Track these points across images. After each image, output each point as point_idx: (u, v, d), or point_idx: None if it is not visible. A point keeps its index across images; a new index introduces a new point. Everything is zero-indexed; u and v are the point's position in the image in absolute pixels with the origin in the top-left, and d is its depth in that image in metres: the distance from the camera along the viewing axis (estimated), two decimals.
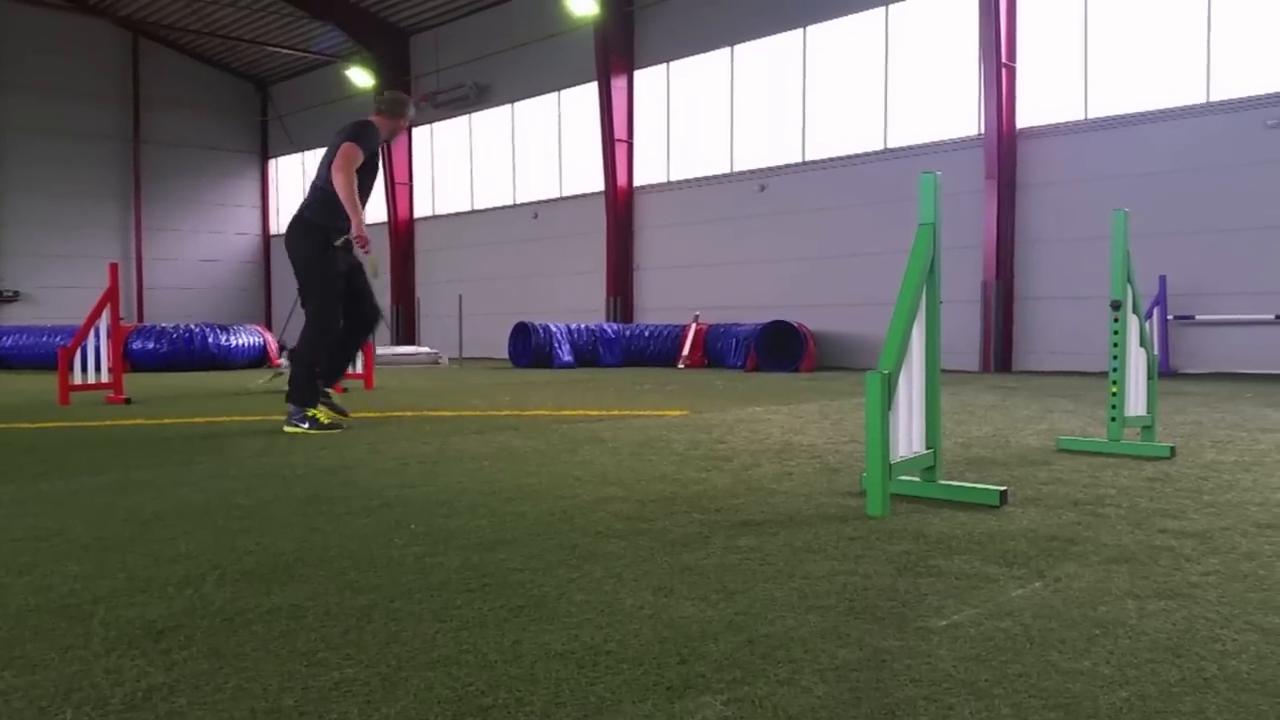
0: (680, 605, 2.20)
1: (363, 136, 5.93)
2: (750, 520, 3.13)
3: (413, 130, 23.04)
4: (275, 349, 14.89)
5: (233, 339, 14.72)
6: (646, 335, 15.67)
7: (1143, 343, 4.87)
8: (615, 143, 18.24)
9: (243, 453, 4.88)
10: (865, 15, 15.15)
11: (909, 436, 3.41)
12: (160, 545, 2.81)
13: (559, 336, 15.00)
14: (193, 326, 14.81)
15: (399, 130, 6.28)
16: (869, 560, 2.60)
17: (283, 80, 27.10)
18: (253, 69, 27.12)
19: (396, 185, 23.02)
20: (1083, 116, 13.25)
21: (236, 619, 2.11)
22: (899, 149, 14.88)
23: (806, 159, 16.11)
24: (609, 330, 15.74)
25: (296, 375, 5.96)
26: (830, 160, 15.72)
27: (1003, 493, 3.37)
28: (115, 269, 8.34)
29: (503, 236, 21.27)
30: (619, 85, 18.24)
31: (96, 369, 8.29)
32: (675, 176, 18.06)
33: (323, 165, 5.99)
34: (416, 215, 23.62)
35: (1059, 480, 3.88)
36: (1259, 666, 1.80)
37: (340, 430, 5.75)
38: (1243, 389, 9.18)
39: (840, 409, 7.15)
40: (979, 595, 2.27)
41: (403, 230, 23.38)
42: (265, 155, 28.21)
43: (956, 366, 13.37)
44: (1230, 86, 12.01)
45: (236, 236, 28.11)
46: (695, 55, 17.48)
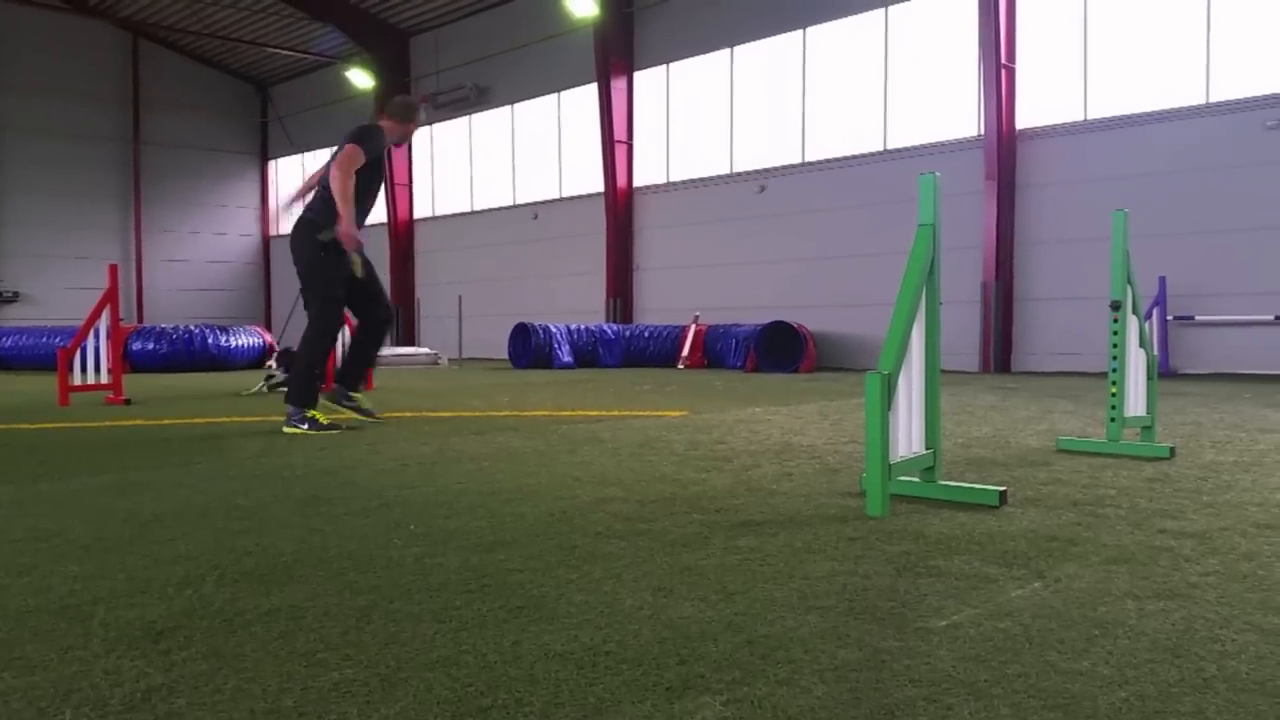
0: (680, 606, 2.20)
1: (366, 139, 5.93)
2: (750, 521, 3.13)
3: None
4: (272, 347, 14.88)
5: (232, 340, 14.72)
6: (646, 336, 15.67)
7: (1142, 343, 4.88)
8: (615, 144, 18.24)
9: (242, 454, 4.88)
10: (865, 16, 15.16)
11: (909, 437, 3.41)
12: (160, 546, 2.81)
13: (559, 337, 15.00)
14: (192, 327, 14.82)
15: (407, 135, 6.28)
16: (869, 561, 2.60)
17: (283, 81, 27.11)
18: (253, 70, 27.13)
19: (396, 186, 23.03)
20: (1082, 117, 13.26)
21: (236, 620, 2.11)
22: (899, 150, 14.88)
23: (806, 160, 16.11)
24: (609, 331, 15.74)
25: (296, 376, 5.97)
26: (830, 161, 15.73)
27: (1002, 493, 3.37)
28: (115, 270, 8.35)
29: (502, 237, 21.27)
30: (619, 86, 18.24)
31: (96, 370, 8.29)
32: (675, 177, 18.07)
33: (327, 167, 6.00)
34: (416, 216, 23.62)
35: (1059, 481, 3.88)
36: (1258, 667, 1.80)
37: (339, 431, 5.76)
38: (1242, 389, 9.18)
39: (840, 409, 7.15)
40: (978, 595, 2.27)
41: (402, 231, 23.38)
42: (265, 156, 28.22)
43: (956, 367, 13.38)
44: (1230, 87, 12.01)
45: (236, 238, 28.12)
46: (695, 56, 17.49)
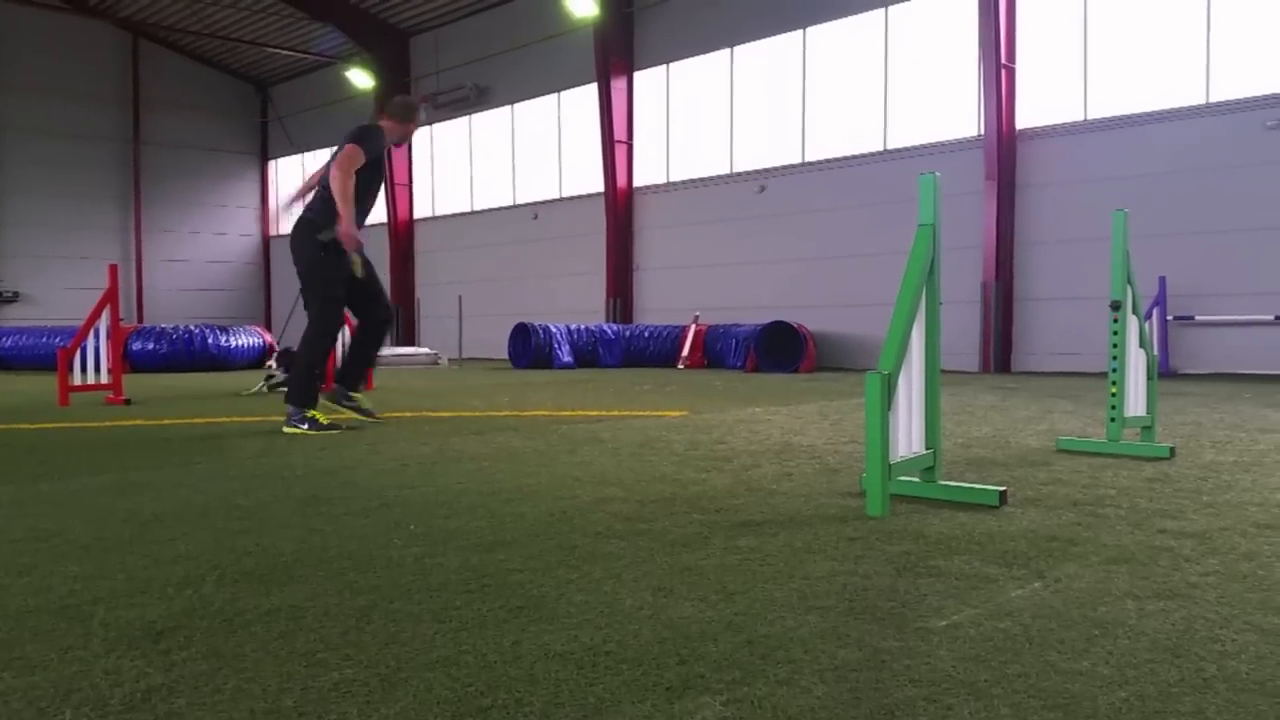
0: (680, 606, 2.20)
1: (366, 139, 5.94)
2: (750, 521, 3.13)
3: None
4: (272, 347, 14.89)
5: (232, 340, 14.72)
6: (646, 336, 15.67)
7: (1142, 343, 4.88)
8: (615, 144, 18.24)
9: (242, 454, 4.87)
10: (865, 16, 15.16)
11: (909, 437, 3.41)
12: (160, 546, 2.80)
13: (559, 337, 15.00)
14: (192, 327, 14.82)
15: (408, 135, 6.29)
16: (868, 561, 2.60)
17: (282, 81, 27.11)
18: (253, 70, 27.13)
19: (396, 186, 23.03)
20: (1082, 117, 13.26)
21: (236, 620, 2.11)
22: (898, 150, 14.88)
23: (806, 160, 16.11)
24: (609, 331, 15.74)
25: (296, 376, 5.97)
26: (830, 161, 15.73)
27: (1002, 493, 3.37)
28: (115, 270, 8.35)
29: (502, 237, 21.27)
30: (619, 86, 18.24)
31: (96, 370, 8.29)
32: (675, 177, 18.07)
33: (327, 167, 6.00)
34: (416, 216, 23.62)
35: (1058, 481, 3.88)
36: (1258, 666, 1.80)
37: (339, 431, 5.76)
38: (1242, 389, 9.18)
39: (840, 409, 7.15)
40: (978, 595, 2.27)
41: (402, 231, 23.38)
42: (265, 156, 28.22)
43: (956, 367, 13.38)
44: (1230, 87, 12.01)
45: (236, 238, 28.12)
46: (695, 56, 17.49)
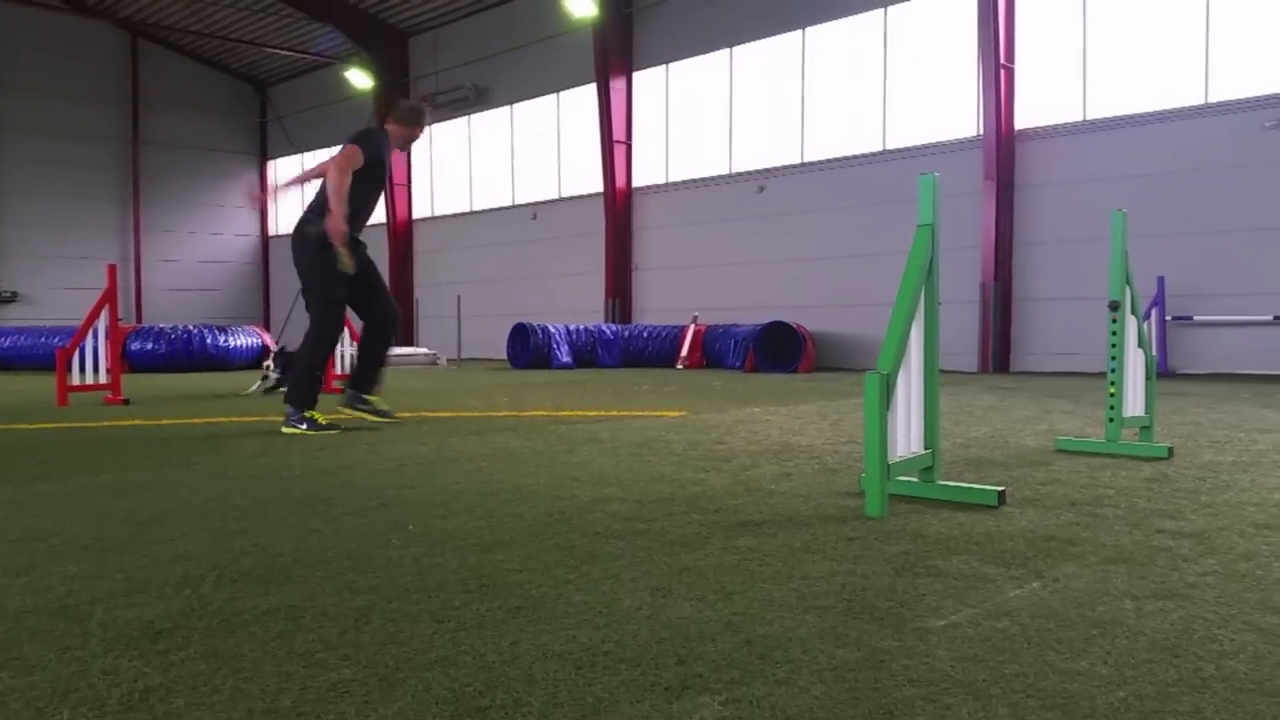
0: (678, 606, 2.19)
1: (366, 140, 5.94)
2: (748, 521, 3.13)
3: None
4: (271, 347, 14.85)
5: (231, 340, 14.72)
6: (645, 336, 15.67)
7: (1141, 343, 4.88)
8: (614, 144, 18.24)
9: (241, 454, 4.87)
10: (864, 17, 15.17)
11: (907, 437, 3.41)
12: (158, 546, 2.80)
13: (557, 337, 15.00)
14: (191, 327, 14.82)
15: (413, 139, 6.28)
16: (867, 560, 2.60)
17: (282, 81, 27.10)
18: (252, 70, 27.13)
19: (395, 186, 23.03)
20: (1081, 118, 13.26)
21: (234, 620, 2.10)
22: (898, 150, 14.89)
23: (805, 160, 16.11)
24: (607, 331, 15.74)
25: (296, 377, 5.97)
26: (829, 161, 15.73)
27: (1001, 493, 3.37)
28: (114, 270, 8.34)
29: (501, 237, 21.27)
30: (618, 86, 18.25)
31: (95, 370, 8.29)
32: (674, 177, 18.07)
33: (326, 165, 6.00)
34: (415, 216, 23.62)
35: (1057, 481, 3.88)
36: (1256, 666, 1.80)
37: (337, 431, 5.75)
38: (1240, 389, 9.19)
39: (839, 409, 7.15)
40: (977, 595, 2.27)
41: (401, 231, 23.38)
42: (264, 157, 28.21)
43: (955, 367, 13.38)
44: (1228, 88, 12.02)
45: (235, 238, 28.11)
46: (694, 57, 17.49)
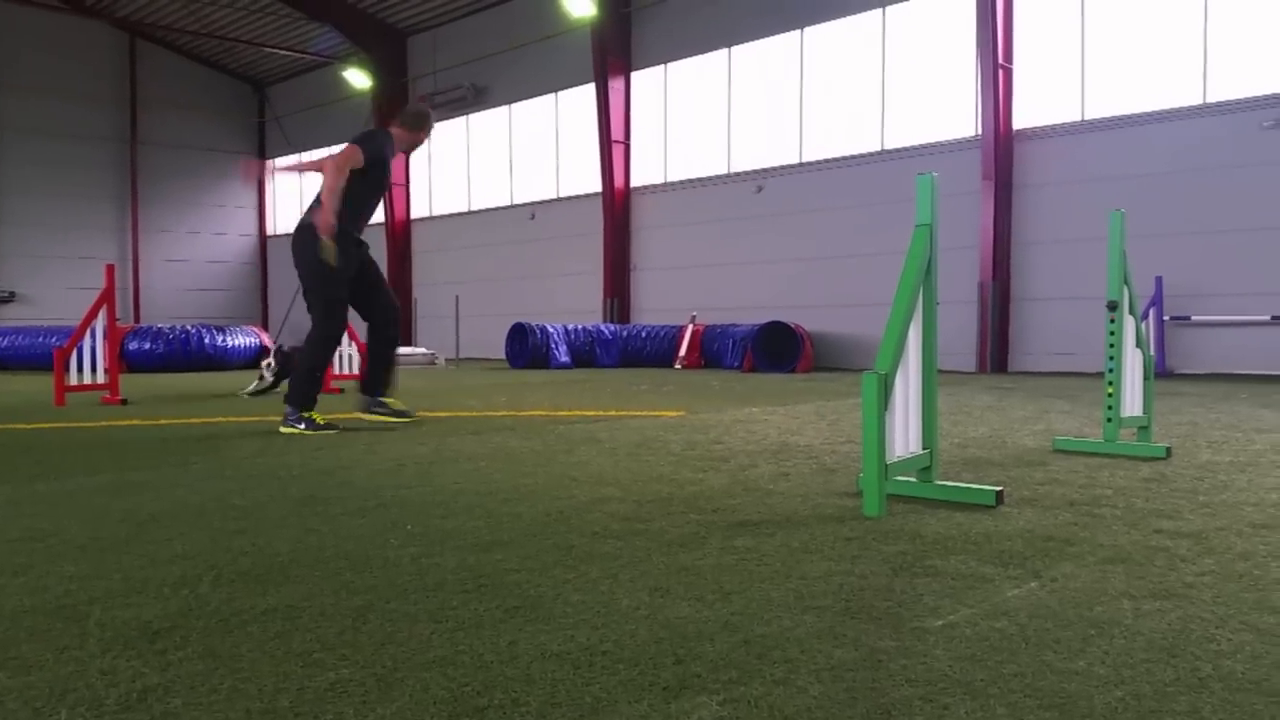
0: (676, 606, 2.19)
1: (368, 141, 5.95)
2: (747, 521, 3.13)
3: None
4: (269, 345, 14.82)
5: (229, 340, 14.71)
6: (643, 336, 15.67)
7: (1139, 343, 4.88)
8: (612, 144, 18.24)
9: (239, 453, 4.87)
10: (862, 17, 15.17)
11: (905, 437, 3.41)
12: (156, 546, 2.80)
13: (556, 337, 15.00)
14: (189, 327, 14.81)
15: (418, 143, 6.28)
16: (865, 560, 2.60)
17: (280, 81, 27.08)
18: (250, 70, 27.11)
19: (393, 186, 23.02)
20: (1079, 118, 13.27)
21: (232, 620, 2.10)
22: (896, 150, 14.89)
23: (804, 160, 16.12)
24: (606, 331, 15.74)
25: (297, 377, 5.97)
26: (827, 161, 15.74)
27: (999, 493, 3.37)
28: (112, 270, 8.33)
29: (500, 237, 21.27)
30: (616, 86, 18.25)
31: (92, 370, 8.28)
32: (672, 177, 18.07)
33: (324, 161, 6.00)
34: (413, 216, 23.62)
35: (1055, 481, 3.88)
36: (1254, 666, 1.80)
37: (336, 431, 5.75)
38: (1238, 389, 9.20)
39: (837, 409, 7.15)
40: (975, 595, 2.27)
41: (399, 231, 23.37)
42: (263, 156, 28.18)
43: (953, 367, 13.38)
44: (1226, 88, 12.04)
45: (233, 238, 28.09)
46: (693, 56, 17.49)
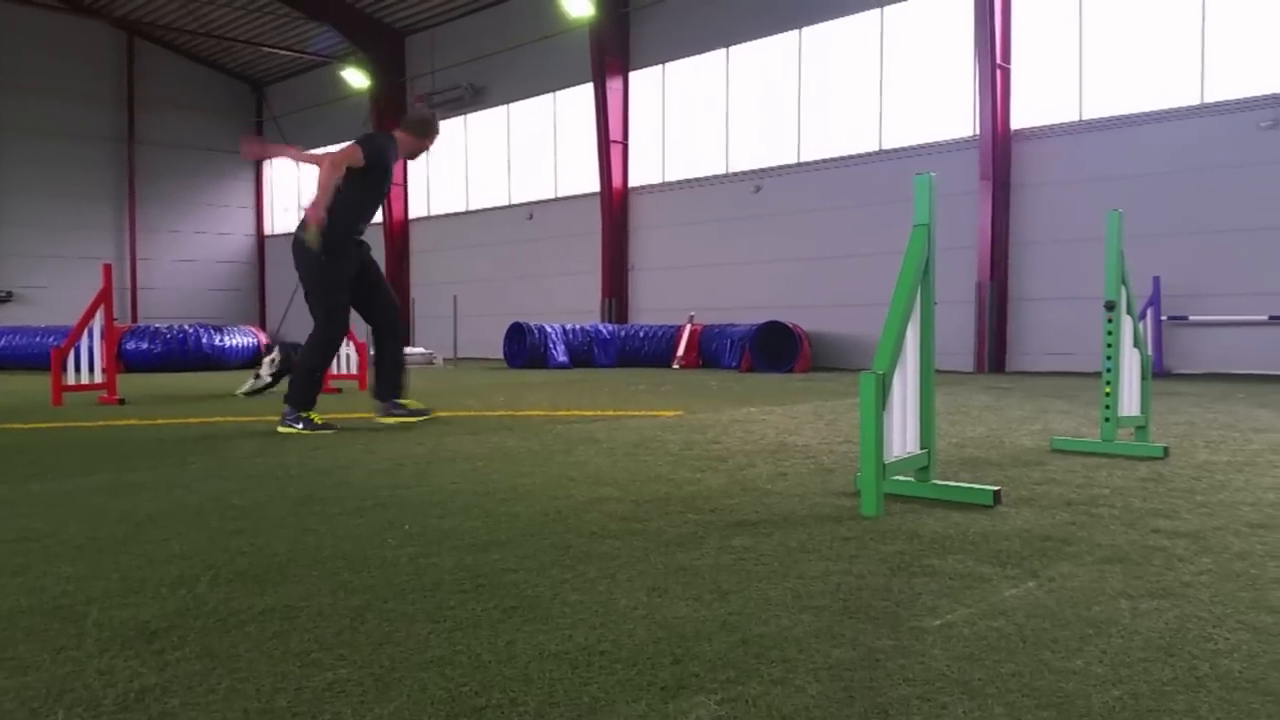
0: (674, 605, 2.19)
1: (369, 142, 5.98)
2: (745, 520, 3.13)
3: None
4: (263, 343, 14.81)
5: (227, 339, 14.69)
6: (641, 336, 15.67)
7: (1136, 343, 4.88)
8: (610, 143, 18.24)
9: (237, 453, 4.87)
10: (860, 17, 15.18)
11: (903, 437, 3.41)
12: (154, 546, 2.80)
13: (554, 337, 14.99)
14: (187, 327, 14.79)
15: (421, 149, 6.30)
16: (863, 560, 2.60)
17: (278, 81, 27.07)
18: (248, 70, 27.10)
19: (391, 186, 23.00)
20: (1077, 118, 13.28)
21: (230, 620, 2.10)
22: (894, 150, 14.90)
23: (802, 160, 16.12)
24: (604, 331, 15.74)
25: (297, 378, 5.97)
26: (825, 161, 15.74)
27: (996, 493, 3.38)
28: (109, 270, 8.32)
29: (498, 237, 21.26)
30: (614, 86, 18.25)
31: (90, 369, 8.27)
32: (670, 177, 18.07)
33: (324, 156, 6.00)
34: (411, 216, 23.61)
35: (1053, 480, 3.88)
36: (1251, 665, 1.80)
37: (334, 431, 5.75)
38: (1235, 389, 9.21)
39: (835, 409, 7.16)
40: (973, 595, 2.27)
41: (397, 231, 23.36)
42: None
43: (951, 367, 13.39)
44: (1224, 88, 12.05)
45: (231, 237, 28.08)
46: (691, 57, 17.50)
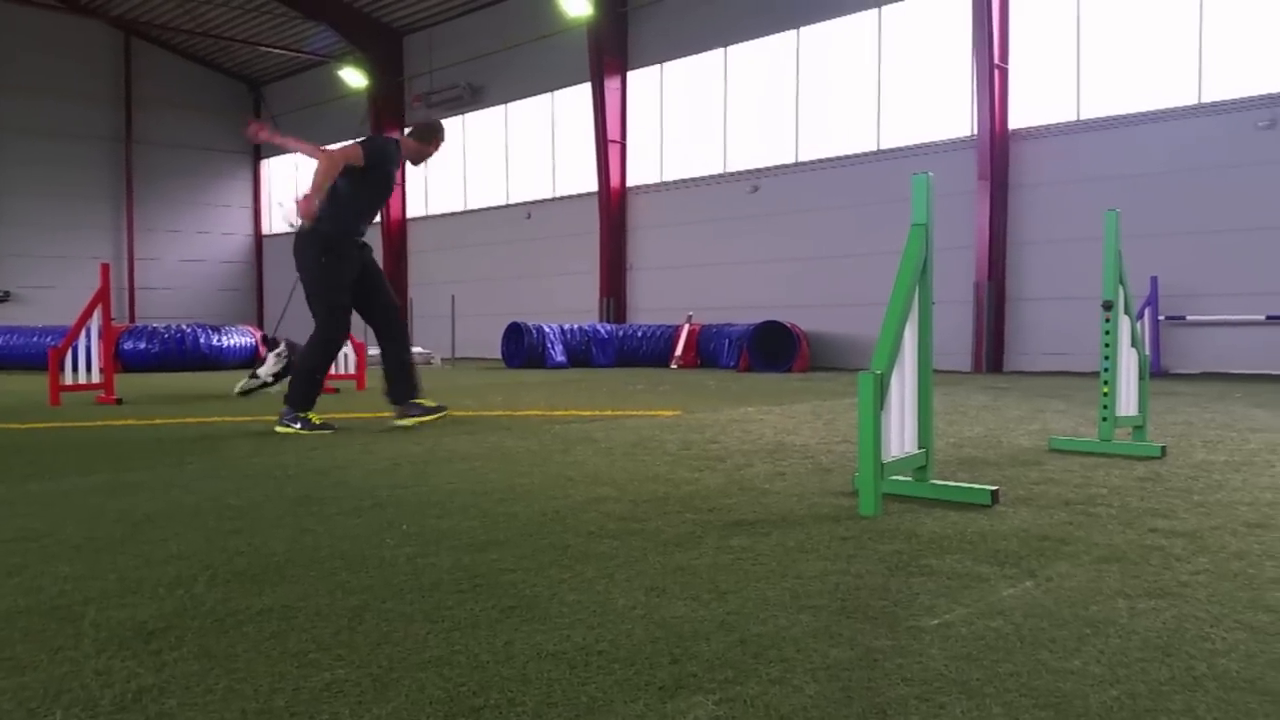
0: (672, 605, 2.20)
1: (371, 144, 6.00)
2: (743, 520, 3.13)
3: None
4: (260, 340, 14.75)
5: (224, 339, 14.68)
6: (639, 336, 15.67)
7: (1134, 343, 4.89)
8: (609, 143, 18.24)
9: (234, 453, 4.86)
10: (858, 16, 15.18)
11: (901, 436, 3.42)
12: (151, 546, 2.80)
13: (552, 337, 14.99)
14: (184, 327, 14.78)
15: (426, 155, 6.32)
16: (861, 560, 2.60)
17: (276, 81, 27.05)
18: (245, 69, 27.07)
19: (394, 189, 22.99)
20: (1075, 118, 13.29)
21: (227, 620, 2.10)
22: (892, 150, 14.91)
23: (799, 160, 16.12)
24: (602, 330, 15.74)
25: (297, 378, 5.97)
26: (823, 161, 15.74)
27: (994, 492, 3.38)
28: (107, 269, 8.31)
29: (496, 237, 21.25)
30: (613, 86, 18.24)
31: (88, 369, 8.27)
32: (668, 177, 18.07)
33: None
34: (409, 215, 23.59)
35: (1050, 480, 3.89)
36: (1248, 664, 1.81)
37: (331, 431, 5.75)
38: (1232, 389, 9.22)
39: (833, 409, 7.16)
40: (970, 594, 2.28)
41: (396, 230, 23.35)
42: (258, 156, 28.15)
43: (949, 367, 13.40)
44: (1221, 88, 12.06)
45: (228, 237, 28.05)
46: (689, 56, 17.49)
